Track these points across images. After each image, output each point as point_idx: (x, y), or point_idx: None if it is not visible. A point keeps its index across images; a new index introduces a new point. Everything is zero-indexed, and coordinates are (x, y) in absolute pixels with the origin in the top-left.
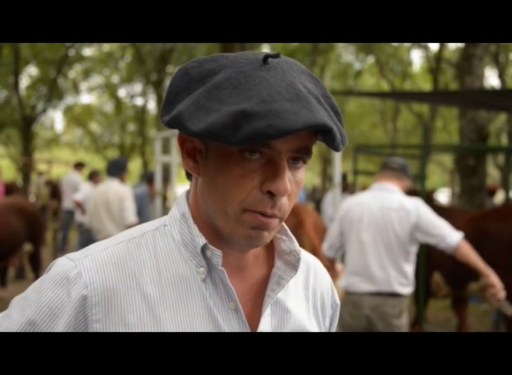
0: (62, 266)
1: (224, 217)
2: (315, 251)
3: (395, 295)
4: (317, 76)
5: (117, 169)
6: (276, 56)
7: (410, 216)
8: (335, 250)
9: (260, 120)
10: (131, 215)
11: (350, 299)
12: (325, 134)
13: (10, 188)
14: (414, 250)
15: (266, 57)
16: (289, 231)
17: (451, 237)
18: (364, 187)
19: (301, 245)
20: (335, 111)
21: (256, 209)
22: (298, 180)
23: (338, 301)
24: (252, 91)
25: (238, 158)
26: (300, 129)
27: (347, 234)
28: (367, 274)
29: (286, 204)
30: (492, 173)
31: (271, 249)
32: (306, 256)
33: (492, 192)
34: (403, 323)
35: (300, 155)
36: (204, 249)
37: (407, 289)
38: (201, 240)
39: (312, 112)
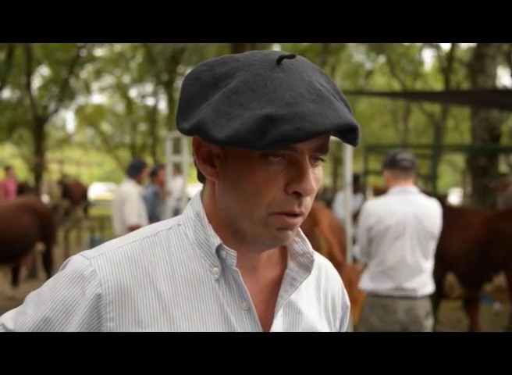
0: (77, 263)
1: (249, 221)
2: (332, 251)
3: (424, 297)
4: (325, 72)
5: (133, 171)
6: (292, 57)
7: (438, 220)
8: (367, 255)
9: (287, 124)
10: (131, 217)
11: (379, 303)
12: (347, 132)
13: (22, 188)
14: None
15: (281, 58)
16: (302, 233)
17: None
18: (376, 189)
19: (318, 245)
20: (347, 105)
21: (284, 210)
22: (318, 177)
23: (348, 303)
24: (273, 94)
25: (261, 162)
26: (328, 130)
27: (380, 241)
28: (402, 278)
29: (309, 201)
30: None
31: (283, 250)
32: (317, 258)
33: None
34: (429, 324)
35: (320, 154)
36: (218, 249)
37: (431, 289)
38: (216, 240)
39: (337, 112)
